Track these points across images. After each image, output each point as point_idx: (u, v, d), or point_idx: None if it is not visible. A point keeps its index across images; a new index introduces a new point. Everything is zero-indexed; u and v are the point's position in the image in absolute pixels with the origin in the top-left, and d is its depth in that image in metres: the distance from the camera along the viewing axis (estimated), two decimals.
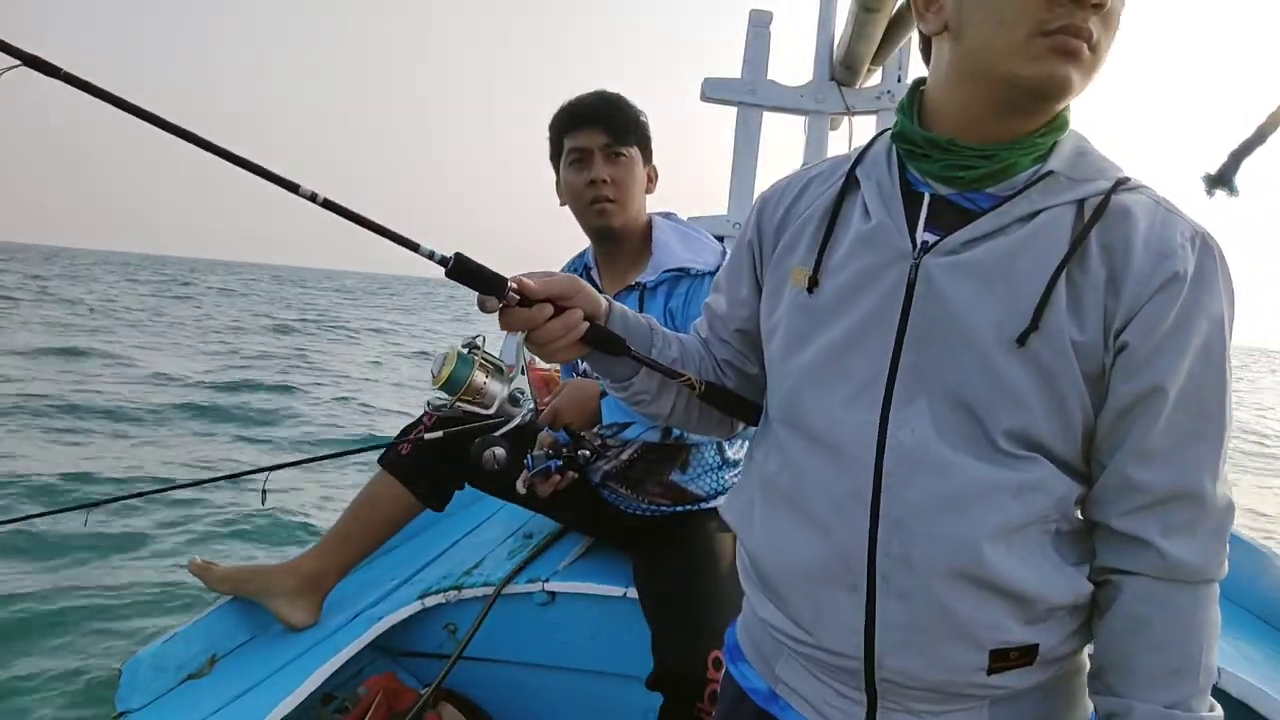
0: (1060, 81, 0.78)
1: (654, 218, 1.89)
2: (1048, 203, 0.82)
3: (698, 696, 1.43)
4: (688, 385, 1.00)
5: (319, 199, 0.84)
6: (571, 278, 0.94)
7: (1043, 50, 0.77)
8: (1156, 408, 0.79)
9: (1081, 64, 0.78)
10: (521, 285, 0.89)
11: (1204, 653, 0.80)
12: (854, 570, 0.83)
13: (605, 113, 1.77)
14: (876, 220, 0.87)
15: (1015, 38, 0.77)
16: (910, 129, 0.88)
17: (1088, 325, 0.79)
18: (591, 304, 0.95)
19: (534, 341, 0.92)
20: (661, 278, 1.77)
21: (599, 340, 0.95)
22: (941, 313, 0.82)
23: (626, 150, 1.78)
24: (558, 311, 0.91)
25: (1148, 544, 0.80)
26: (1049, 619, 0.83)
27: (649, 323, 1.03)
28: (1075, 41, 0.77)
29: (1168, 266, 0.78)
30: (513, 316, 0.90)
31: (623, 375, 1.00)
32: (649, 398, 1.03)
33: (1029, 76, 0.78)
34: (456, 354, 0.99)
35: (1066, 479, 0.82)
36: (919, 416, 0.82)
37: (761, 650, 0.98)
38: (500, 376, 1.01)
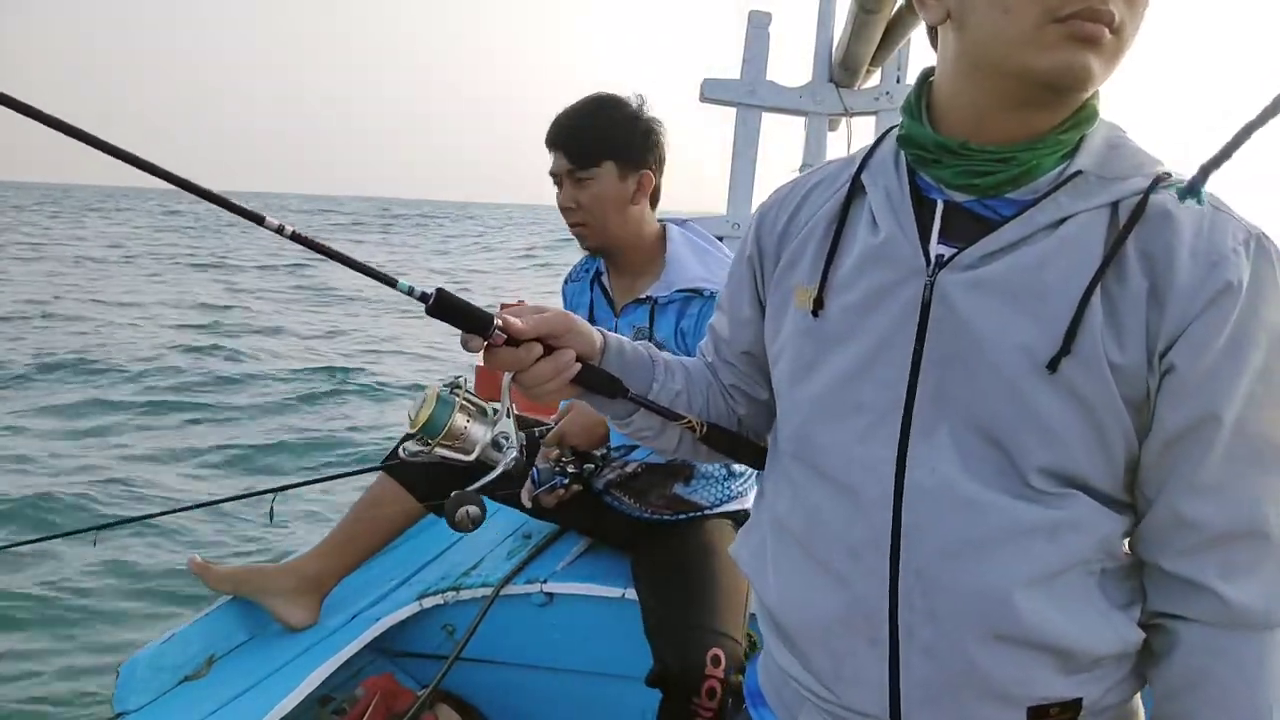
0: (1078, 72, 0.68)
1: (669, 227, 1.84)
2: (1077, 207, 0.72)
3: (695, 692, 1.44)
4: (689, 428, 0.93)
5: (286, 231, 0.76)
6: (564, 314, 0.87)
7: (1057, 38, 0.67)
8: (1210, 437, 0.70)
9: (1102, 51, 0.68)
10: (508, 324, 0.81)
11: (1275, 707, 0.71)
12: (874, 623, 0.76)
13: (563, 138, 1.72)
14: (886, 232, 0.79)
15: (1025, 25, 0.68)
16: (918, 132, 0.79)
17: (1128, 346, 0.70)
18: (585, 343, 0.88)
19: (521, 384, 0.85)
20: (674, 296, 1.73)
21: (592, 381, 0.88)
22: (961, 336, 0.73)
23: (590, 172, 1.71)
24: (548, 351, 0.84)
25: (1205, 588, 0.71)
26: (1094, 669, 0.75)
27: (650, 353, 0.96)
28: (1093, 26, 0.66)
29: (1219, 276, 0.68)
30: (499, 357, 0.83)
31: (622, 414, 0.94)
32: (652, 434, 0.97)
33: (1042, 69, 0.69)
34: (436, 394, 0.92)
35: (1110, 514, 0.74)
36: (940, 451, 0.74)
37: (784, 699, 0.91)
38: (484, 419, 0.94)
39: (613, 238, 1.77)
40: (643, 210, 1.78)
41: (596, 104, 1.74)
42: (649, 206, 1.80)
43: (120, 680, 1.69)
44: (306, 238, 0.78)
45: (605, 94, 1.76)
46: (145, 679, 1.70)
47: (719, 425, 0.97)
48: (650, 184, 1.76)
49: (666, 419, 0.93)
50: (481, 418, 0.94)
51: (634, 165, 1.73)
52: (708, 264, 1.77)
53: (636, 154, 1.73)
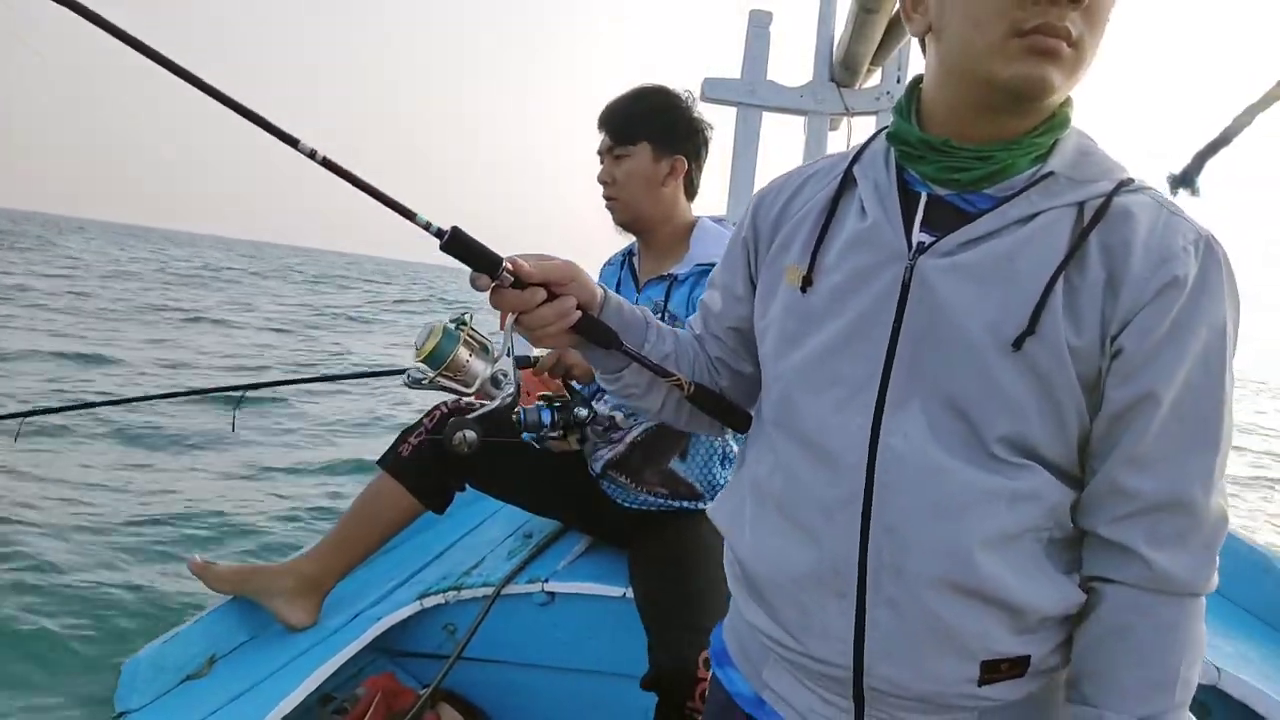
0: (1037, 82, 0.76)
1: (702, 218, 1.94)
2: (1047, 204, 0.80)
3: (689, 695, 1.44)
4: (676, 385, 0.99)
5: (318, 156, 0.81)
6: (569, 264, 0.92)
7: (1018, 51, 0.75)
8: (1149, 414, 0.77)
9: (1061, 63, 0.75)
10: (516, 266, 0.87)
11: (1184, 667, 0.78)
12: (843, 577, 0.82)
13: (608, 116, 1.86)
14: (872, 219, 0.86)
15: (991, 38, 0.75)
16: (905, 130, 0.86)
17: (1085, 329, 0.77)
18: (586, 293, 0.93)
19: (524, 325, 0.90)
20: (692, 271, 1.82)
21: (590, 330, 0.94)
22: (936, 315, 0.80)
23: (626, 149, 1.84)
24: (551, 297, 0.89)
25: (1134, 553, 0.78)
26: (1040, 629, 0.81)
27: (645, 316, 1.02)
28: (1052, 41, 0.74)
29: (1167, 270, 0.76)
30: (504, 297, 0.88)
31: (613, 368, 0.99)
32: (639, 392, 1.02)
33: (1005, 78, 0.76)
34: (443, 328, 0.96)
35: (1062, 486, 0.80)
36: (912, 420, 0.80)
37: (748, 654, 0.97)
38: (485, 356, 0.98)
39: (641, 214, 1.87)
40: (675, 194, 1.89)
41: (642, 91, 1.88)
42: (682, 192, 1.91)
43: (122, 680, 1.69)
44: (337, 165, 0.82)
45: (655, 84, 1.90)
46: (147, 678, 1.70)
47: (705, 386, 1.02)
48: (682, 169, 1.87)
49: (656, 375, 0.98)
50: (483, 354, 1.00)
51: (669, 149, 1.85)
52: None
53: (673, 139, 1.86)
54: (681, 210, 1.91)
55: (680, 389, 0.99)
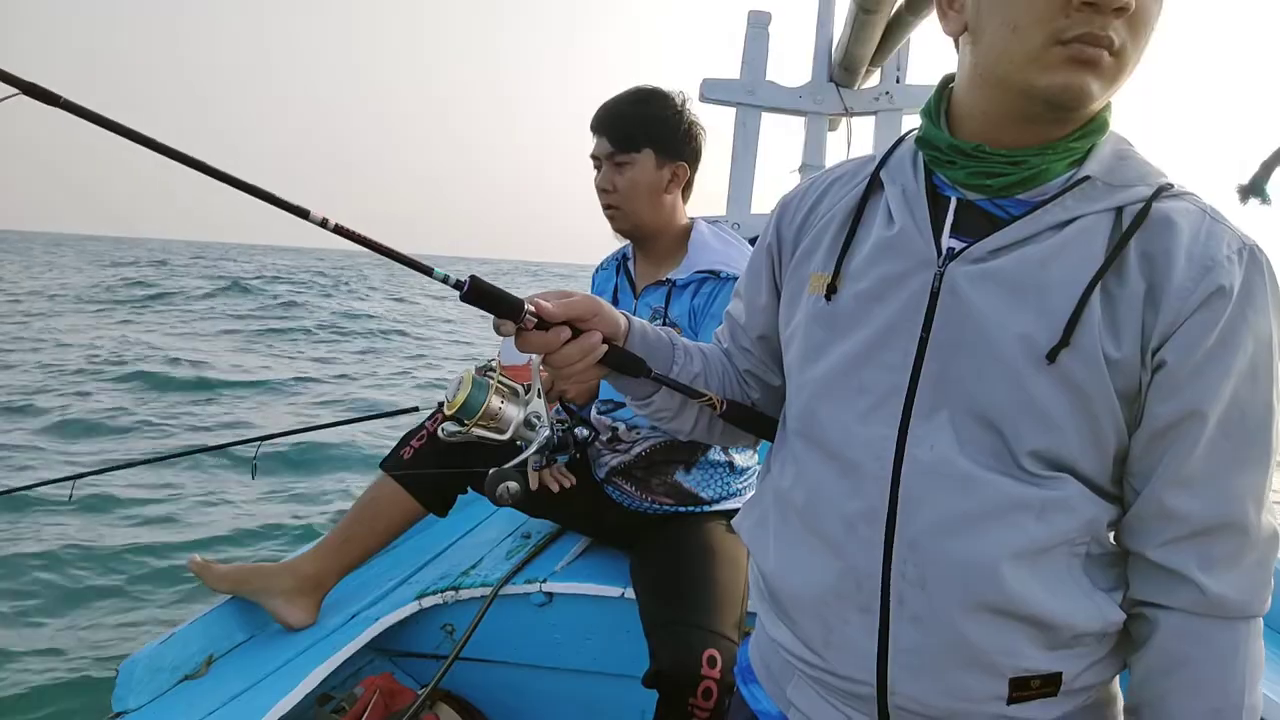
0: (1076, 92, 0.73)
1: (697, 221, 1.92)
2: (1083, 210, 0.77)
3: (691, 693, 1.44)
4: (709, 405, 0.97)
5: (330, 224, 0.80)
6: (590, 298, 0.90)
7: (1059, 60, 0.72)
8: (1195, 432, 0.74)
9: (1101, 73, 0.73)
10: (539, 308, 0.85)
11: (1245, 692, 0.75)
12: (866, 592, 0.80)
13: (609, 121, 1.81)
14: (900, 225, 0.83)
15: (1030, 46, 0.73)
16: (935, 134, 0.83)
17: (1124, 341, 0.74)
18: (610, 325, 0.91)
19: (551, 365, 0.89)
20: (692, 277, 1.80)
21: (618, 362, 0.92)
22: (967, 324, 0.77)
23: (629, 156, 1.80)
24: (575, 334, 0.88)
25: (1186, 577, 0.75)
26: (1075, 646, 0.78)
27: (670, 337, 0.99)
28: (1093, 50, 0.72)
29: (1212, 280, 0.73)
30: (529, 340, 0.86)
31: (643, 394, 0.97)
32: (670, 415, 1.00)
33: (1043, 87, 0.73)
34: (471, 378, 0.95)
35: (1097, 500, 0.77)
36: (939, 432, 0.78)
37: (773, 671, 0.94)
38: (516, 400, 0.97)
39: (642, 222, 1.85)
40: (675, 200, 1.87)
41: (642, 94, 1.83)
42: (680, 198, 1.89)
43: (119, 679, 1.69)
44: (349, 230, 0.82)
45: (651, 86, 1.86)
46: (144, 678, 1.70)
47: (737, 402, 1.00)
48: (684, 176, 1.85)
49: (688, 397, 0.96)
50: (514, 398, 0.98)
51: (671, 156, 1.82)
52: (728, 250, 1.84)
53: (674, 146, 1.82)
54: (680, 215, 1.89)
55: (713, 407, 0.97)
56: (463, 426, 0.95)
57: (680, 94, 1.87)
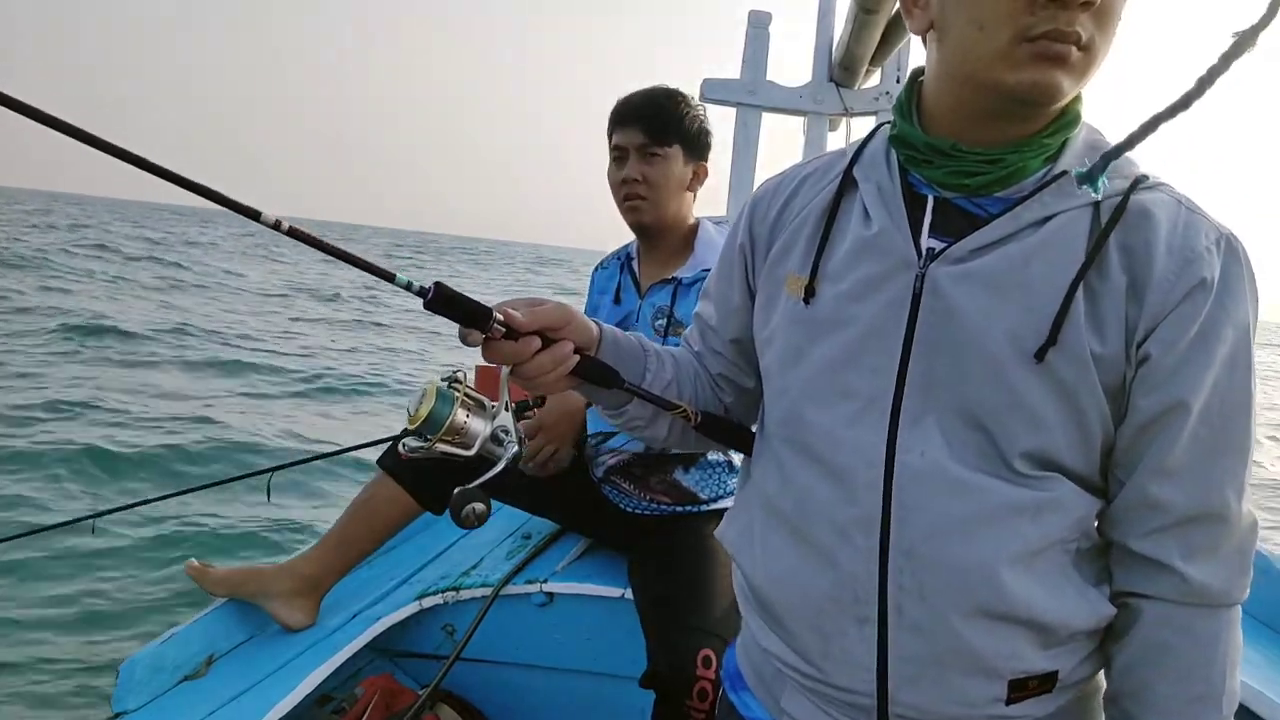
0: (1045, 89, 0.72)
1: (703, 221, 1.92)
2: (1061, 206, 0.76)
3: (687, 694, 1.44)
4: (682, 416, 0.94)
5: (283, 227, 0.74)
6: (562, 306, 0.87)
7: (1026, 57, 0.71)
8: (1179, 423, 0.74)
9: (1070, 68, 0.72)
10: (508, 317, 0.81)
11: (1226, 678, 0.76)
12: (864, 602, 0.78)
13: (646, 112, 1.81)
14: (878, 225, 0.82)
15: (997, 44, 0.72)
16: (911, 133, 0.82)
17: (1108, 337, 0.74)
18: (583, 335, 0.88)
19: (520, 375, 0.85)
20: (699, 275, 1.80)
21: (590, 373, 0.89)
22: (951, 325, 0.77)
23: (663, 150, 1.80)
24: (546, 344, 0.84)
25: (1168, 567, 0.75)
26: (1069, 643, 0.79)
27: (641, 343, 0.97)
28: (1061, 46, 0.71)
29: (1193, 273, 0.73)
30: (498, 350, 0.82)
31: (615, 404, 0.95)
32: (643, 424, 0.98)
33: (1012, 85, 0.72)
34: (436, 390, 0.89)
35: (1086, 496, 0.78)
36: (929, 435, 0.77)
37: (764, 680, 0.93)
38: (483, 413, 0.91)
39: (663, 216, 1.85)
40: (692, 199, 1.90)
41: (671, 91, 1.86)
42: (693, 198, 1.91)
43: (119, 680, 1.69)
44: (305, 233, 0.75)
45: (671, 87, 1.88)
46: (144, 679, 1.69)
47: (712, 414, 0.98)
48: (704, 176, 1.88)
49: (660, 408, 0.94)
50: (481, 412, 0.92)
51: (696, 155, 1.85)
52: None
53: (698, 145, 1.86)
54: (690, 214, 1.91)
55: (687, 419, 0.94)
56: (425, 442, 0.89)
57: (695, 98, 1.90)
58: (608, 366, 0.90)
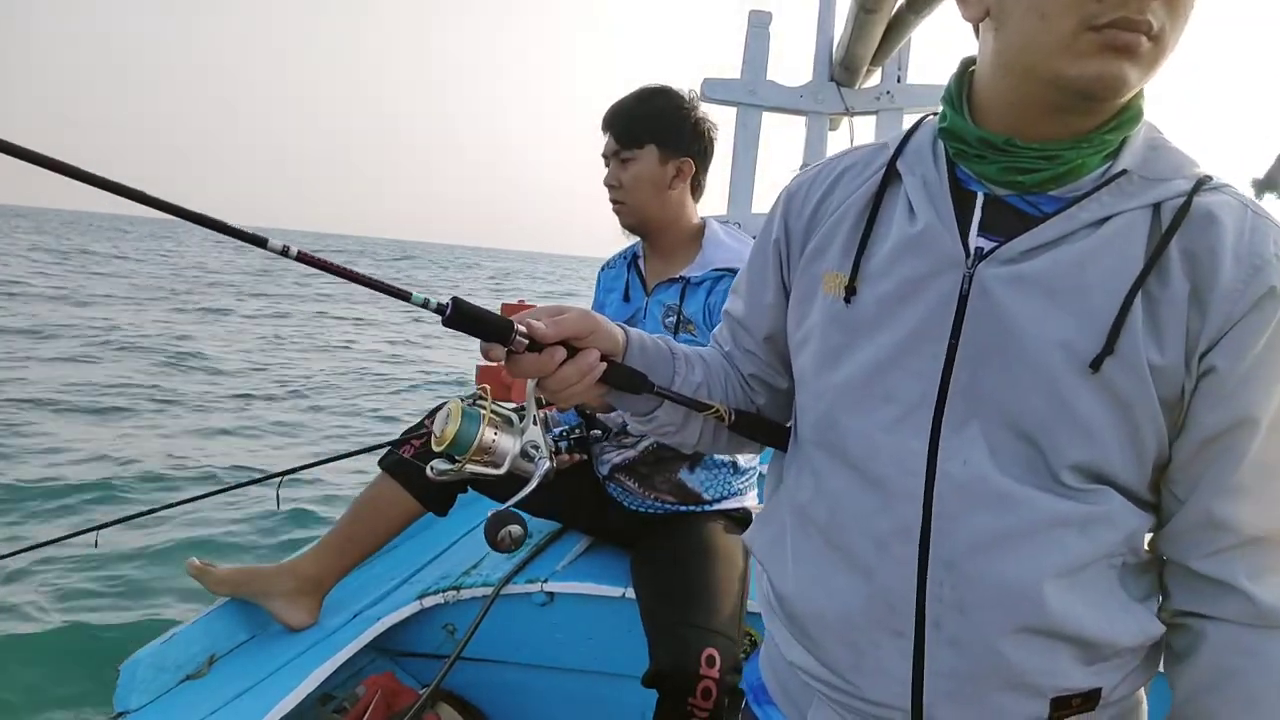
0: (1111, 82, 0.68)
1: (710, 221, 1.93)
2: (1120, 207, 0.72)
3: (690, 693, 1.44)
4: (716, 417, 0.90)
5: (292, 252, 0.72)
6: (585, 313, 0.83)
7: (1092, 47, 0.66)
8: (1246, 440, 0.70)
9: (1139, 59, 0.67)
10: (531, 329, 0.78)
11: None
12: (900, 615, 0.75)
13: (615, 120, 1.84)
14: (924, 222, 0.78)
15: (1060, 33, 0.67)
16: (962, 126, 0.77)
17: (1168, 347, 0.70)
18: (608, 341, 0.85)
19: (547, 389, 0.82)
20: (707, 274, 1.80)
21: (619, 380, 0.85)
22: (999, 329, 0.73)
23: (633, 152, 1.82)
24: (571, 354, 0.81)
25: (1235, 588, 0.71)
26: (1113, 660, 0.75)
27: (669, 346, 0.93)
28: (1129, 36, 0.66)
29: (1262, 281, 0.68)
30: (522, 364, 0.79)
31: (645, 409, 0.91)
32: (675, 428, 0.94)
33: (1075, 76, 0.68)
34: (461, 410, 0.86)
35: (1137, 511, 0.74)
36: (972, 444, 0.73)
37: (790, 694, 0.90)
38: (511, 429, 0.88)
39: (648, 217, 1.86)
40: (681, 196, 1.87)
41: (648, 92, 1.86)
42: (689, 194, 1.90)
43: (121, 679, 1.69)
44: (314, 257, 0.74)
45: (659, 85, 1.88)
46: (146, 678, 1.70)
47: (746, 411, 0.95)
48: (689, 171, 1.86)
49: (692, 409, 0.90)
50: (508, 428, 0.88)
51: (675, 151, 1.83)
52: (742, 249, 1.85)
53: (679, 141, 1.84)
54: (689, 212, 1.90)
55: (721, 419, 0.91)
56: (454, 464, 0.86)
57: (691, 93, 1.89)
58: (636, 372, 0.87)
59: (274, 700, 1.59)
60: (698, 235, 1.89)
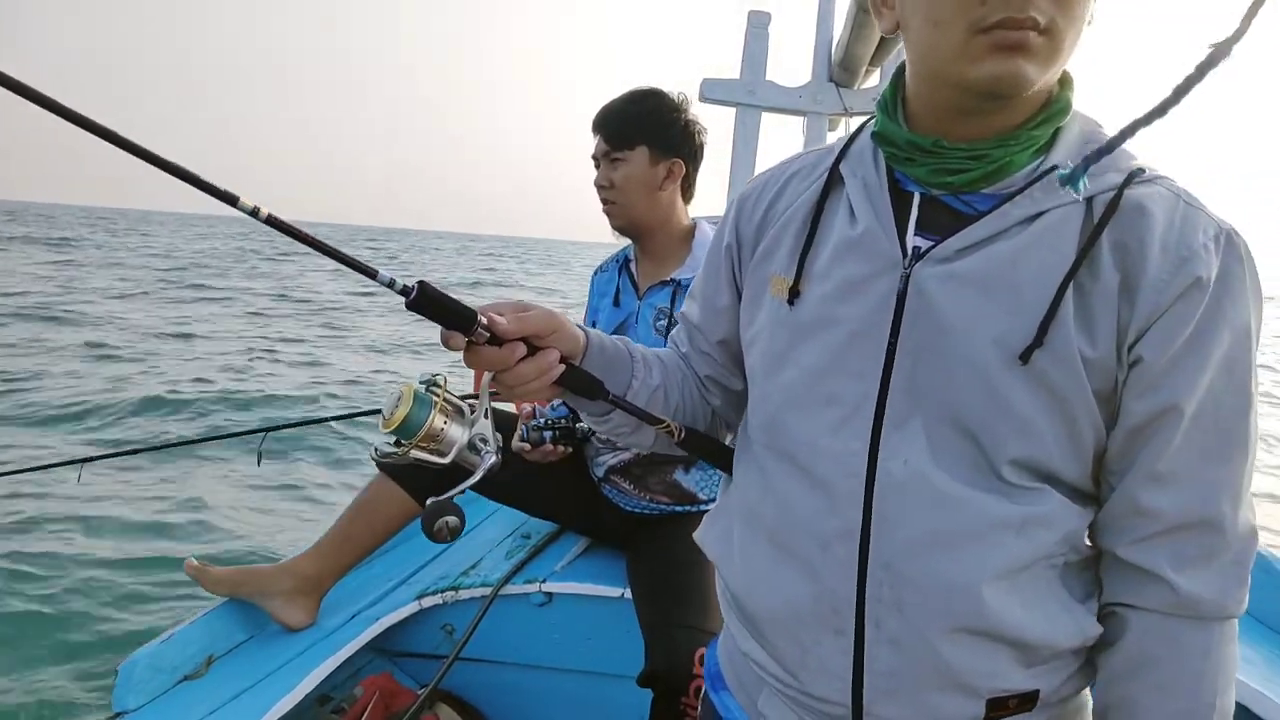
0: (1010, 80, 0.69)
1: (701, 223, 1.92)
2: (1052, 202, 0.73)
3: (683, 692, 1.45)
4: (666, 432, 0.91)
5: (262, 214, 0.69)
6: (549, 313, 0.84)
7: (984, 49, 0.68)
8: (1170, 428, 0.71)
9: (1033, 55, 0.68)
10: (493, 322, 0.78)
11: (1218, 695, 0.72)
12: (841, 614, 0.77)
13: (603, 121, 1.84)
14: (863, 225, 0.79)
15: (954, 39, 0.69)
16: (891, 129, 0.79)
17: (1099, 338, 0.71)
18: (569, 343, 0.85)
19: (503, 383, 0.82)
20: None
21: (574, 382, 0.86)
22: (936, 327, 0.74)
23: (623, 154, 1.82)
24: (531, 351, 0.81)
25: (1157, 576, 0.73)
26: (1053, 661, 0.76)
27: (628, 349, 0.94)
28: (1017, 34, 0.67)
29: (1189, 271, 0.69)
30: (480, 355, 0.79)
31: (600, 412, 0.92)
32: (628, 431, 0.95)
33: (975, 79, 0.70)
34: (413, 393, 0.85)
35: (1077, 509, 0.75)
36: (913, 442, 0.74)
37: (743, 682, 0.92)
38: (461, 420, 0.87)
39: (638, 219, 1.86)
40: (672, 197, 1.87)
41: (638, 94, 1.85)
42: (680, 196, 1.89)
43: (119, 680, 1.69)
44: (284, 223, 0.71)
45: (649, 87, 1.87)
46: (144, 679, 1.70)
47: (696, 430, 0.96)
48: (680, 172, 1.85)
49: (644, 421, 0.91)
50: (459, 418, 0.88)
51: (666, 153, 1.83)
52: None
53: (669, 142, 1.83)
54: (680, 213, 1.90)
55: (670, 435, 0.92)
56: (399, 447, 0.85)
57: (681, 95, 1.88)
58: (592, 377, 0.87)
59: (272, 700, 1.59)
60: (688, 237, 1.89)
